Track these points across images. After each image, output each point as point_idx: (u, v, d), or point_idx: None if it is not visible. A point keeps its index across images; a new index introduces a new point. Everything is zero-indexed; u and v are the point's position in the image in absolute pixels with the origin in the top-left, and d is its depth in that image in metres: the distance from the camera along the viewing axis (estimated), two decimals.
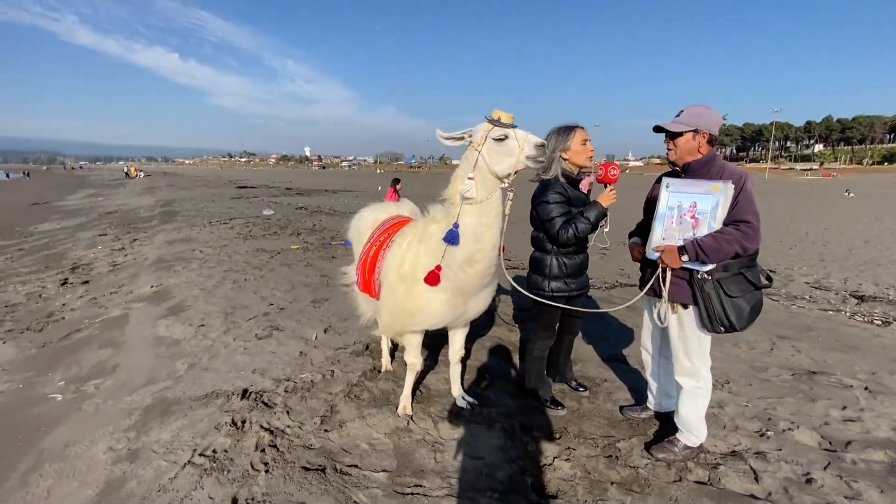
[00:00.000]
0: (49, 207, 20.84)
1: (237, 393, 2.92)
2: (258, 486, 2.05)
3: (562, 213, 2.42)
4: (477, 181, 2.05)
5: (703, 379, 2.21)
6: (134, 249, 8.82)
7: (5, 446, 2.63)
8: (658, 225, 2.18)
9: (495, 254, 2.17)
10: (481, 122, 2.06)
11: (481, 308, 2.42)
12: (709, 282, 2.06)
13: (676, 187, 2.15)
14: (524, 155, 1.99)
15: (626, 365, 3.42)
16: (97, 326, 4.60)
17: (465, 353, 3.45)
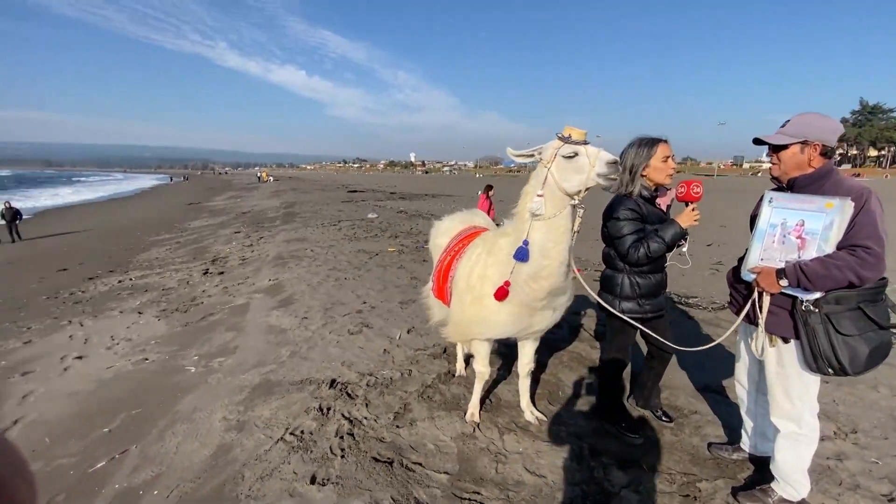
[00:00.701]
0: (200, 207, 24.84)
1: (326, 382, 3.25)
2: (333, 469, 2.28)
3: (633, 231, 2.28)
4: (546, 198, 2.04)
5: (806, 425, 1.93)
6: (259, 246, 10.14)
7: (152, 406, 3.26)
8: (756, 243, 1.96)
9: (563, 270, 2.14)
10: (552, 140, 2.05)
11: (548, 324, 2.39)
12: (815, 314, 1.79)
13: (781, 202, 1.91)
14: (595, 172, 1.94)
15: (722, 398, 3.08)
16: (226, 312, 5.42)
17: (541, 367, 3.43)
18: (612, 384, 2.61)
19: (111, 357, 4.44)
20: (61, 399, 3.64)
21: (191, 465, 2.48)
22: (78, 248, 12.51)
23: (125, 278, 8.22)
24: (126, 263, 9.78)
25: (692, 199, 2.25)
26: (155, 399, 3.37)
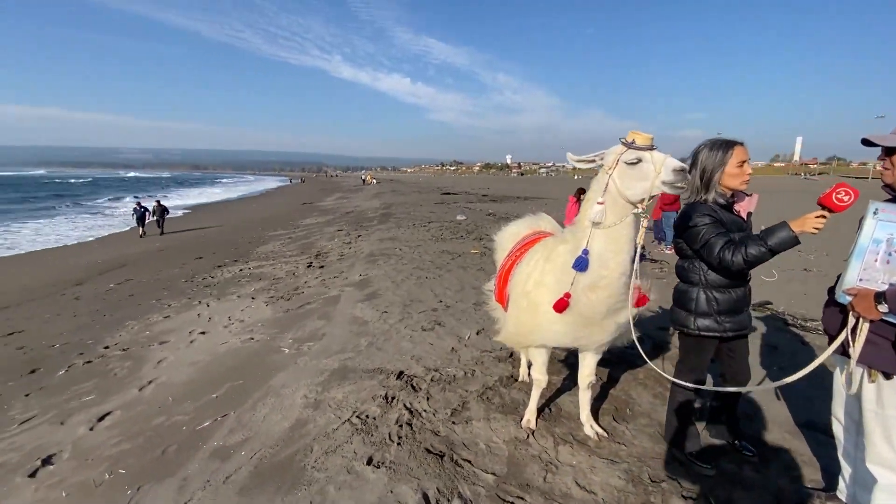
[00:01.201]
0: (312, 206, 27.45)
1: (395, 373, 3.45)
2: (389, 454, 2.44)
3: (719, 233, 2.06)
4: (607, 206, 1.97)
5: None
6: (356, 244, 10.96)
7: (250, 379, 3.75)
8: (855, 261, 1.69)
9: (623, 282, 2.03)
10: (616, 145, 1.97)
11: (608, 337, 2.28)
12: None
13: (889, 214, 1.63)
14: (660, 180, 1.83)
15: (827, 438, 2.65)
16: (320, 302, 5.99)
17: (612, 382, 3.27)
18: (683, 407, 2.41)
19: (226, 334, 5.18)
20: (185, 367, 4.36)
21: (272, 433, 2.83)
22: (212, 240, 14.66)
23: (245, 267, 9.45)
24: (247, 254, 11.23)
25: (833, 206, 1.79)
26: (254, 373, 3.88)
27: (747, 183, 2.14)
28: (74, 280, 9.94)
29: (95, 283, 9.43)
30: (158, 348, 5.06)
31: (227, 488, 2.34)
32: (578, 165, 2.09)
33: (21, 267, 12.14)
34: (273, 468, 2.46)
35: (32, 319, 6.91)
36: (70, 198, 41.35)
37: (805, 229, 1.85)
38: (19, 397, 4.15)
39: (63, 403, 3.93)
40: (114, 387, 4.14)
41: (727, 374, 2.40)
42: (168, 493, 2.43)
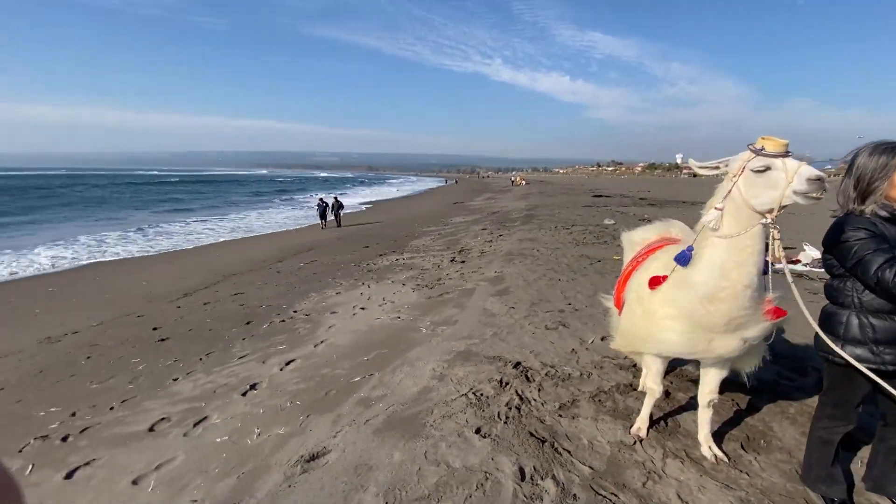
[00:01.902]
0: (462, 206, 29.08)
1: (512, 363, 3.70)
2: (495, 429, 2.72)
3: (878, 248, 1.77)
4: (727, 213, 1.90)
5: None
6: (497, 243, 11.42)
7: (393, 349, 4.43)
8: None
9: (746, 296, 1.92)
10: (744, 151, 1.88)
11: (730, 352, 2.14)
12: None
13: None
14: (791, 189, 1.70)
15: None
16: (457, 293, 6.55)
17: (752, 410, 2.99)
18: (825, 444, 2.12)
19: (379, 311, 6.10)
20: (347, 333, 5.32)
21: (404, 394, 3.37)
22: (378, 233, 16.84)
23: (400, 258, 10.72)
24: (403, 247, 12.66)
25: None
26: (396, 345, 4.57)
27: None
28: (277, 258, 12.61)
29: (291, 262, 11.81)
30: (330, 317, 6.24)
31: (366, 428, 2.92)
32: (701, 172, 2.04)
33: (246, 246, 15.86)
34: (401, 420, 2.97)
35: (250, 285, 9.10)
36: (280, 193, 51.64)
37: None
38: (238, 340, 5.63)
39: (265, 348, 5.20)
40: (297, 341, 5.30)
41: (889, 417, 2.03)
42: (326, 424, 3.13)
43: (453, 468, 2.38)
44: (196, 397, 4.08)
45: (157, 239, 18.10)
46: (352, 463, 2.54)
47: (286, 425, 3.25)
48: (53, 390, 4.57)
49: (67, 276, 11.57)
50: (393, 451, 2.59)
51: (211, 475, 2.77)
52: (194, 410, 3.81)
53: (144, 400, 4.16)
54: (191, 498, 2.57)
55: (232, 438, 3.22)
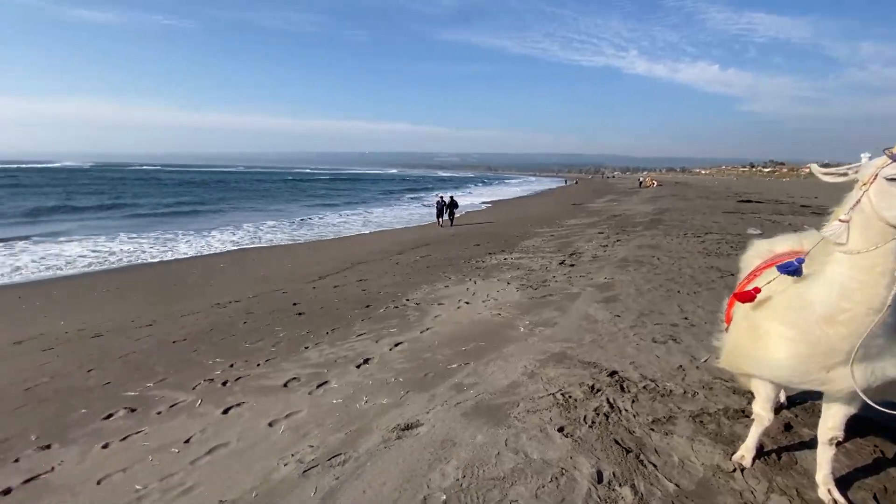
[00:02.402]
0: (581, 207, 27.92)
1: (608, 371, 3.60)
2: (579, 431, 2.73)
3: None
4: (854, 225, 1.68)
5: None
6: (612, 248, 10.83)
7: (490, 344, 4.61)
8: None
9: (870, 321, 1.67)
10: (880, 156, 1.64)
11: (857, 385, 1.86)
12: None
13: None
14: None
15: None
16: (561, 296, 6.47)
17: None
18: None
19: (482, 307, 6.33)
20: (450, 324, 5.65)
21: (494, 385, 3.53)
22: (490, 232, 17.15)
23: (509, 257, 10.85)
24: (513, 247, 12.75)
25: None
26: (493, 340, 4.74)
27: None
28: (397, 251, 13.68)
29: (409, 255, 12.73)
30: (437, 307, 6.67)
31: (456, 410, 3.16)
32: (826, 179, 1.82)
33: (372, 238, 17.49)
34: (488, 408, 3.14)
35: (372, 273, 10.09)
36: (408, 191, 55.29)
37: None
38: (358, 320, 6.35)
39: (379, 330, 5.81)
40: (407, 326, 5.81)
41: None
42: (422, 401, 3.46)
43: (531, 458, 2.47)
44: (321, 364, 4.78)
45: (301, 230, 20.93)
46: (439, 437, 2.80)
47: (389, 397, 3.66)
48: (219, 345, 5.73)
49: (233, 256, 14.10)
50: (477, 433, 2.78)
51: (326, 428, 3.28)
52: (318, 375, 4.48)
53: (282, 361, 5.00)
54: (309, 443, 3.09)
55: (345, 402, 3.74)
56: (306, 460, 2.85)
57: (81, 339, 6.27)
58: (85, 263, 12.69)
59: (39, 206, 27.57)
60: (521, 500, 2.15)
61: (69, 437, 3.66)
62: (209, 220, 23.84)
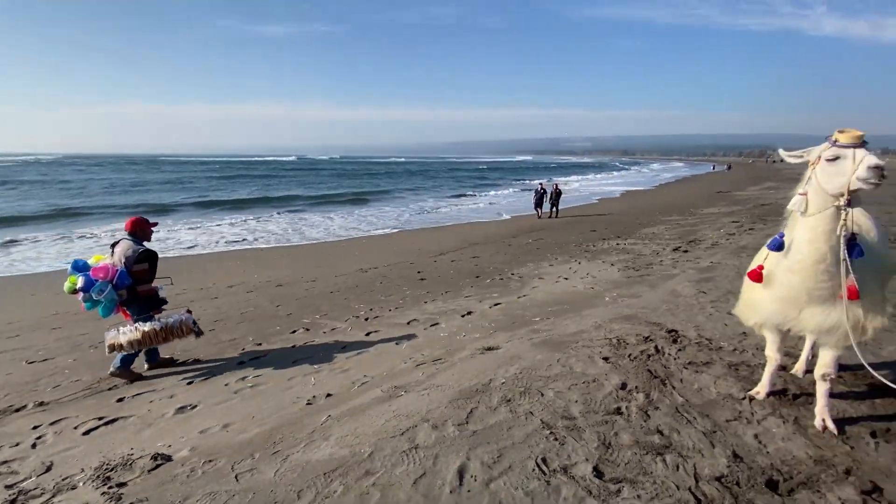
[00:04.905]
0: (725, 195, 25.16)
1: (668, 329, 4.12)
2: (620, 361, 3.43)
3: None
4: (809, 197, 2.19)
5: None
6: (739, 237, 10.20)
7: (573, 307, 5.36)
8: None
9: (819, 270, 2.17)
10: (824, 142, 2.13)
11: (819, 325, 2.32)
12: None
13: None
14: (856, 176, 1.95)
15: None
16: (658, 276, 6.76)
17: None
18: None
19: (579, 282, 6.99)
20: (544, 293, 6.49)
21: (563, 331, 4.36)
22: (609, 220, 16.96)
23: (622, 243, 11.00)
24: (630, 233, 12.68)
25: None
26: (577, 305, 5.48)
27: None
28: (512, 234, 14.61)
29: (522, 238, 13.58)
30: (537, 281, 7.52)
31: (527, 342, 4.10)
32: (790, 161, 2.31)
33: (491, 224, 18.67)
34: (552, 343, 4.00)
35: (485, 252, 11.24)
36: (520, 180, 54.90)
37: None
38: (468, 286, 7.55)
39: (483, 294, 6.92)
40: (507, 293, 6.81)
41: None
42: (504, 336, 4.47)
43: (573, 370, 3.31)
44: (435, 313, 6.08)
45: (431, 214, 23.09)
46: (509, 355, 3.79)
47: (481, 334, 4.75)
48: (362, 296, 7.45)
49: (376, 238, 16.61)
50: (537, 354, 3.69)
51: (434, 348, 4.51)
52: (432, 319, 5.77)
53: (407, 309, 6.44)
54: (421, 353, 4.34)
55: (449, 336, 4.93)
56: (418, 360, 4.10)
57: (269, 286, 8.64)
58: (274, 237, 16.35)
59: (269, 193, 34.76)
60: (555, 389, 3.03)
61: (271, 340, 5.54)
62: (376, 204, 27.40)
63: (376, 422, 2.90)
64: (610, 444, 2.45)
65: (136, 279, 4.32)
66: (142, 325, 4.29)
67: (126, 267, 4.26)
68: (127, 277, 4.23)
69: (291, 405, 3.59)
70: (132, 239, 4.46)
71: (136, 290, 4.35)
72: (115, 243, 4.52)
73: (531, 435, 2.55)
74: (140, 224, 4.56)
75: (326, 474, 2.33)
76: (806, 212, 2.23)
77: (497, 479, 2.20)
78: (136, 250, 4.36)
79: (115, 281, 4.15)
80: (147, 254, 4.45)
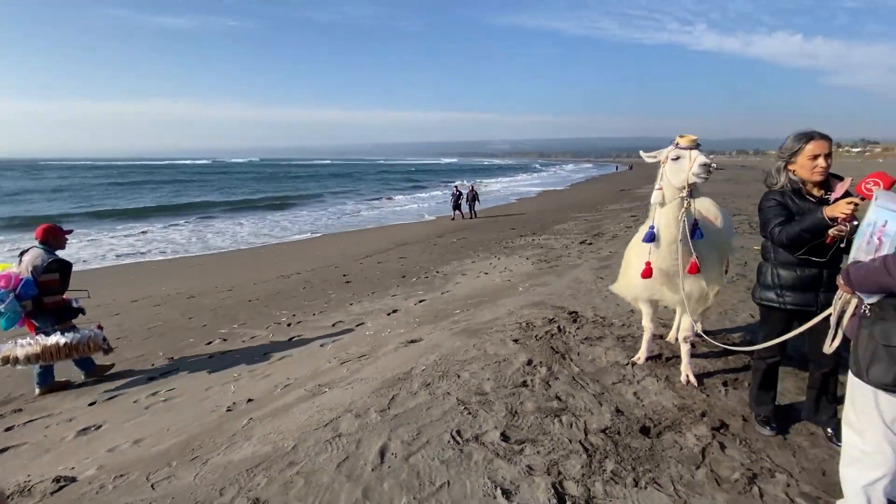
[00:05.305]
0: (627, 193, 27.74)
1: (570, 310, 4.61)
2: (528, 343, 3.81)
3: (776, 215, 2.30)
4: (664, 190, 2.67)
5: (870, 443, 1.75)
6: (635, 229, 11.38)
7: (490, 298, 5.74)
8: (855, 242, 1.88)
9: (671, 250, 2.66)
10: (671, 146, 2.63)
11: (674, 295, 2.84)
12: (867, 318, 1.69)
13: (884, 201, 1.77)
14: (691, 172, 2.43)
15: None
16: (565, 266, 7.41)
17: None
18: (756, 372, 2.66)
19: (497, 276, 7.44)
20: (466, 288, 6.84)
21: (480, 319, 4.68)
22: (527, 218, 18.00)
23: (537, 238, 11.77)
24: (543, 230, 13.60)
25: (862, 194, 2.06)
26: (494, 296, 5.88)
27: (822, 175, 2.25)
28: (438, 234, 14.97)
29: (448, 237, 13.98)
30: (461, 277, 7.87)
31: (447, 332, 4.36)
32: (648, 161, 2.80)
33: (418, 225, 18.90)
34: (469, 330, 4.29)
35: (412, 253, 11.45)
36: (449, 181, 56.00)
37: (834, 214, 2.04)
38: (394, 286, 7.70)
39: (409, 292, 7.11)
40: (431, 290, 7.06)
41: (809, 353, 2.48)
42: (427, 329, 4.69)
43: (487, 353, 3.62)
44: (361, 314, 6.15)
45: (356, 217, 22.79)
46: (430, 345, 4.02)
47: (405, 329, 4.94)
48: (284, 303, 7.29)
49: (298, 243, 16.07)
50: (455, 342, 3.96)
51: (359, 345, 4.62)
52: (358, 320, 5.85)
53: (332, 312, 6.44)
54: (346, 351, 4.42)
55: (374, 333, 5.06)
56: (343, 359, 4.19)
57: (180, 299, 8.11)
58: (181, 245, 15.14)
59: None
60: (471, 371, 3.30)
61: (184, 353, 5.27)
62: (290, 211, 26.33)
63: (300, 418, 2.96)
64: (516, 412, 2.76)
65: (43, 290, 3.99)
66: (43, 339, 3.94)
67: (33, 276, 3.91)
68: (33, 287, 3.89)
69: (210, 414, 3.51)
70: (43, 248, 4.16)
71: (43, 302, 4.00)
72: (24, 251, 4.18)
73: (448, 412, 2.78)
74: (52, 232, 4.28)
75: (249, 470, 2.37)
76: (663, 203, 2.71)
77: (416, 453, 2.40)
78: (45, 259, 4.07)
79: (19, 291, 3.79)
80: (59, 263, 4.18)
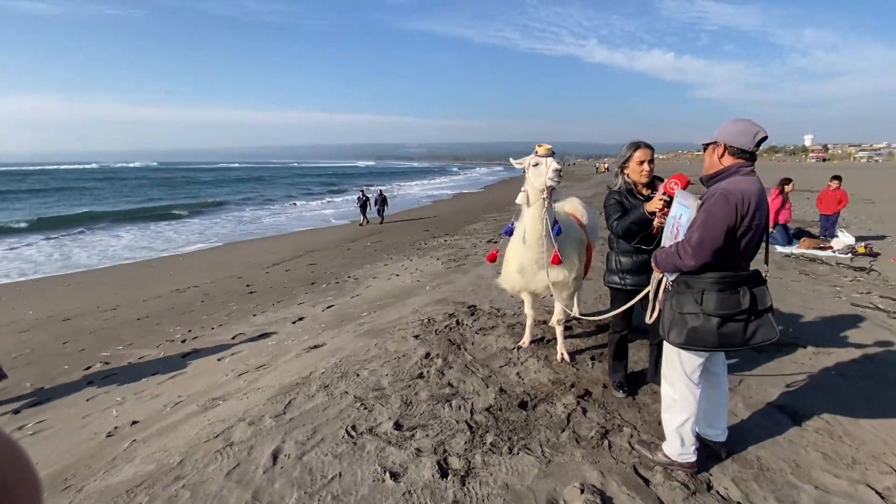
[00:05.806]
0: None
1: (469, 304, 4.93)
2: (428, 336, 4.03)
3: (615, 212, 2.77)
4: (528, 193, 3.03)
5: (678, 392, 2.20)
6: None
7: (399, 298, 5.89)
8: (663, 231, 2.33)
9: (539, 244, 3.04)
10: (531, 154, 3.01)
11: (543, 284, 3.24)
12: (669, 292, 2.13)
13: (680, 198, 2.23)
14: (547, 177, 2.82)
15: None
16: (471, 265, 7.81)
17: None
18: (610, 344, 3.13)
19: (408, 277, 7.61)
20: (376, 290, 6.92)
21: (385, 319, 4.82)
22: (440, 219, 18.44)
23: (449, 239, 12.17)
24: (456, 230, 14.08)
25: (668, 192, 2.55)
26: (403, 295, 6.05)
27: (647, 177, 2.76)
28: (351, 238, 14.79)
29: (361, 241, 13.87)
30: (371, 280, 7.92)
31: (351, 334, 4.43)
32: (516, 166, 3.16)
33: (331, 229, 18.46)
34: (373, 331, 4.41)
35: (322, 258, 11.21)
36: (369, 185, 55.19)
37: (651, 209, 2.52)
38: (302, 293, 7.53)
39: (317, 299, 7.01)
40: (341, 295, 7.03)
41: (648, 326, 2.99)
42: (331, 334, 4.71)
43: (388, 350, 3.77)
44: (264, 324, 5.96)
45: (262, 223, 21.59)
46: (334, 348, 4.07)
47: (310, 335, 4.90)
48: (179, 319, 6.80)
49: (196, 254, 14.88)
50: (358, 342, 4.06)
51: (259, 357, 4.51)
52: (260, 330, 5.67)
53: (233, 325, 6.15)
54: (245, 363, 4.29)
55: (277, 343, 4.96)
56: (240, 371, 4.07)
57: (52, 322, 7.19)
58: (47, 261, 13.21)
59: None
60: (370, 369, 3.43)
61: (56, 382, 4.73)
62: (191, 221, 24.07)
63: (189, 433, 2.87)
64: (410, 402, 2.94)
65: None
66: None
67: None
68: None
69: (87, 441, 3.24)
70: None
71: None
72: None
73: (344, 410, 2.88)
74: None
75: (129, 491, 2.27)
76: (529, 203, 3.06)
77: (309, 451, 2.47)
78: None
79: None
80: None
